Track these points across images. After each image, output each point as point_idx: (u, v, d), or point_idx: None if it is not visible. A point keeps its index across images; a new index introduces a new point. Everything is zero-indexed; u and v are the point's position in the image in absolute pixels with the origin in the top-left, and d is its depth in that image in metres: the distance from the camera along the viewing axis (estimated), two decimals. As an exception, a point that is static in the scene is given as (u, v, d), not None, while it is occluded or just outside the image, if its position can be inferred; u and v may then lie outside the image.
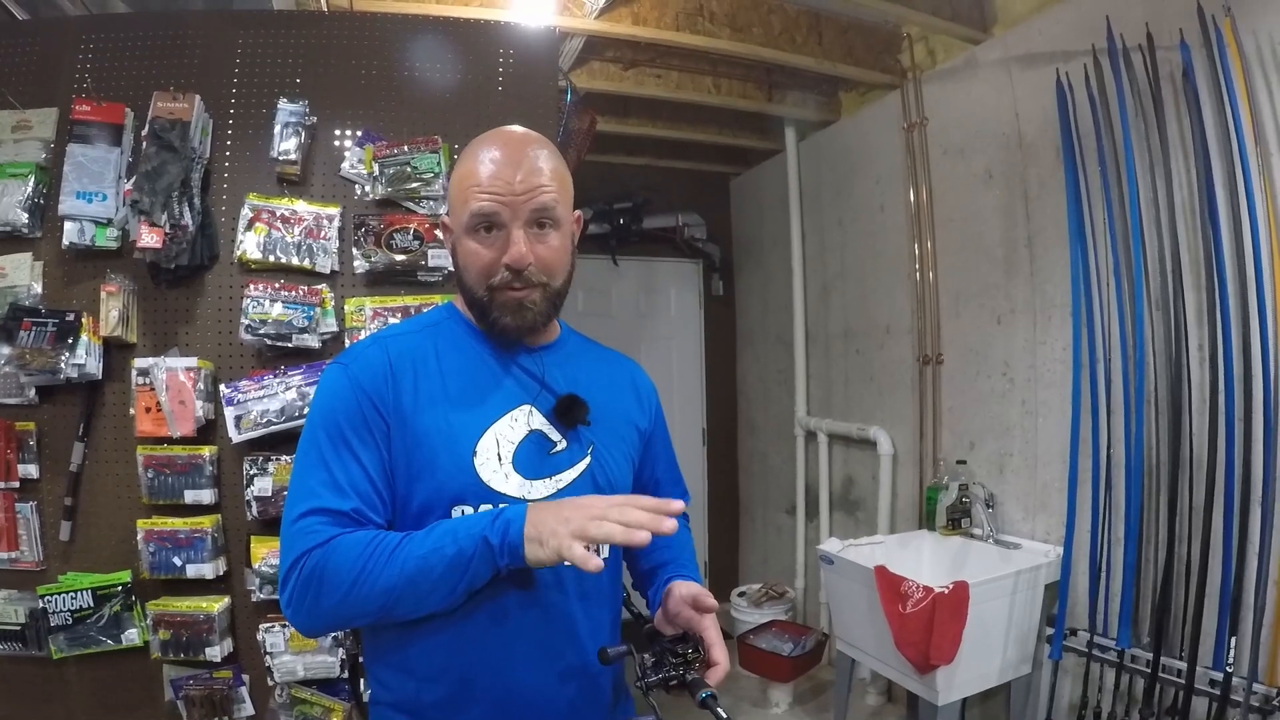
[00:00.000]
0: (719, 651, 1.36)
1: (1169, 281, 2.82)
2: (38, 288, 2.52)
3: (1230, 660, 2.57)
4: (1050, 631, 3.18)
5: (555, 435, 1.47)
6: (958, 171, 3.90)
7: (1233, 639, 2.58)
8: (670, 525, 1.21)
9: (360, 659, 2.53)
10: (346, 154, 2.71)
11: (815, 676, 4.63)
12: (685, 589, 1.44)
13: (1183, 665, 2.71)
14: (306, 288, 2.58)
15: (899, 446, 4.36)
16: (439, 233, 2.66)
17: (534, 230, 1.39)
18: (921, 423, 4.15)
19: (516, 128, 1.49)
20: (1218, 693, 2.59)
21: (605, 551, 1.49)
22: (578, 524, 1.20)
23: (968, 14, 3.77)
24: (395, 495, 1.38)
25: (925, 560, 3.67)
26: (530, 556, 1.22)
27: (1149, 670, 2.80)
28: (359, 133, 2.71)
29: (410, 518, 1.37)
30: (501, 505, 1.35)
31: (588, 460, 1.49)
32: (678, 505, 1.26)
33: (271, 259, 2.57)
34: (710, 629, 1.39)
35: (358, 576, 1.24)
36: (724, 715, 1.20)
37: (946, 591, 2.84)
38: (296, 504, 1.32)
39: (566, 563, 1.19)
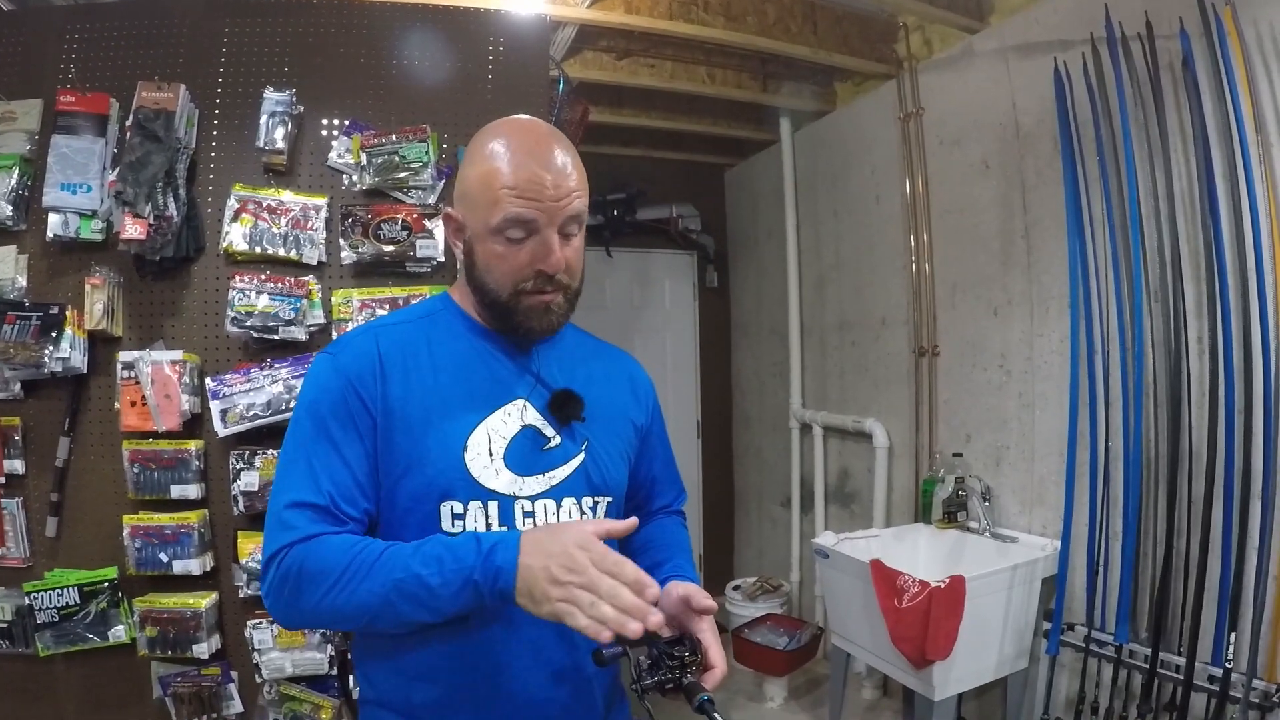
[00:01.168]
0: (716, 654, 1.33)
1: (1168, 273, 2.79)
2: (22, 281, 2.50)
3: (1229, 656, 2.56)
4: (1047, 626, 3.16)
5: (549, 431, 1.44)
6: (954, 162, 3.87)
7: (1232, 634, 2.56)
8: (634, 628, 1.13)
9: (349, 655, 2.50)
10: (334, 144, 2.68)
11: (810, 671, 4.62)
12: (682, 589, 1.41)
13: (1181, 661, 2.70)
14: (293, 279, 2.56)
15: (895, 439, 4.34)
16: (428, 223, 2.64)
17: (562, 235, 1.37)
18: (917, 415, 4.13)
19: (533, 121, 1.44)
20: (1216, 689, 2.58)
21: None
22: (570, 594, 1.15)
23: (964, 3, 3.74)
24: (382, 488, 1.35)
25: (921, 554, 3.66)
26: (525, 608, 1.19)
27: (1147, 666, 2.78)
28: (346, 122, 2.69)
29: (398, 511, 1.34)
30: (493, 529, 1.34)
31: (582, 457, 1.46)
32: (653, 591, 1.19)
33: (258, 250, 2.55)
34: (708, 631, 1.35)
35: (335, 582, 1.22)
36: None
37: (943, 586, 2.82)
38: (279, 494, 1.31)
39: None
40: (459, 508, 1.34)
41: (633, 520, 1.26)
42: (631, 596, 1.14)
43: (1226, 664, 2.56)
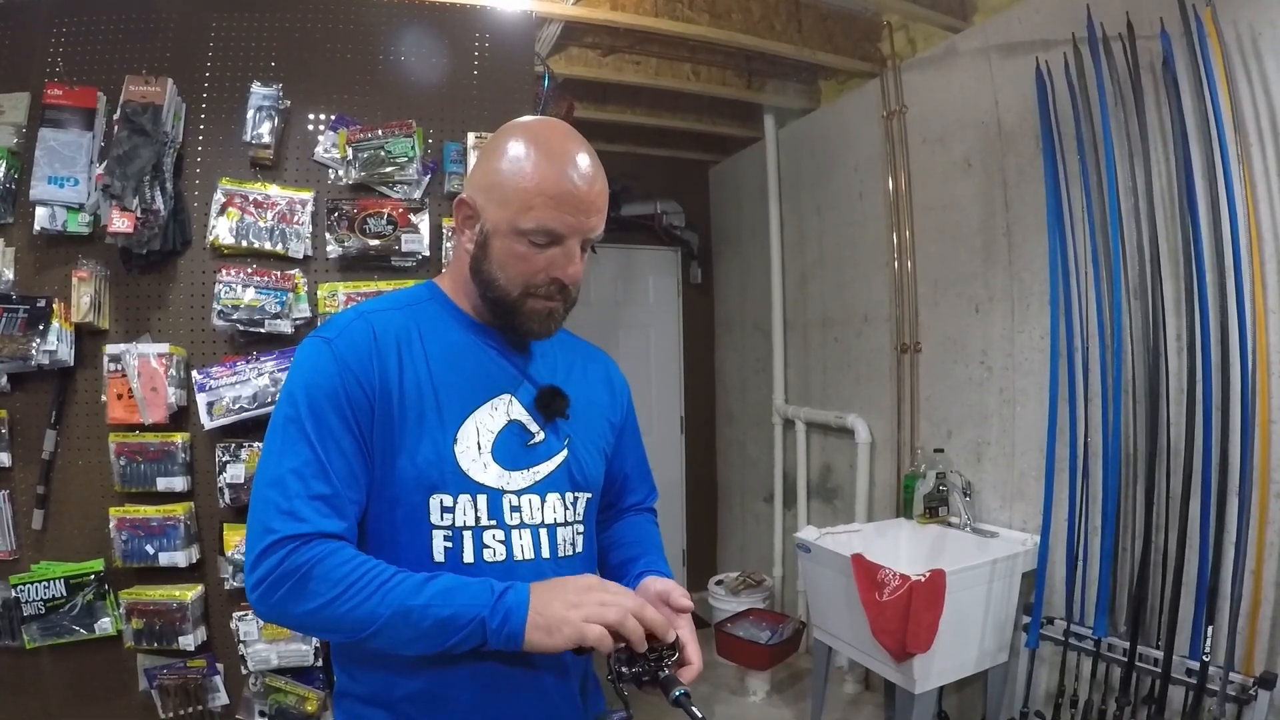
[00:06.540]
0: (693, 650, 1.34)
1: (1147, 270, 2.82)
2: (9, 274, 2.50)
3: (1207, 649, 2.58)
4: (1027, 620, 3.19)
5: (534, 426, 1.45)
6: (937, 160, 3.90)
7: (1209, 628, 2.58)
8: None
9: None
10: (320, 138, 2.69)
11: (793, 665, 4.64)
12: (659, 586, 1.42)
13: (1159, 654, 2.72)
14: (279, 273, 2.56)
15: (877, 435, 4.37)
16: (413, 218, 2.65)
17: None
18: (899, 411, 4.16)
19: (574, 132, 1.43)
20: (1194, 681, 2.60)
21: (580, 546, 1.49)
22: (590, 610, 1.21)
23: (948, 2, 3.76)
24: (372, 477, 1.34)
25: (902, 548, 3.68)
26: (535, 645, 1.21)
27: (1126, 659, 2.81)
28: (333, 117, 2.69)
29: (386, 501, 1.33)
30: (481, 522, 1.36)
31: (565, 453, 1.48)
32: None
33: (244, 244, 2.56)
34: (685, 628, 1.37)
35: (341, 594, 1.20)
36: (699, 714, 1.19)
37: (923, 580, 2.84)
38: (283, 483, 1.26)
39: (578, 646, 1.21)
40: (448, 500, 1.34)
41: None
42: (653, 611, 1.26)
43: (1204, 657, 2.58)
